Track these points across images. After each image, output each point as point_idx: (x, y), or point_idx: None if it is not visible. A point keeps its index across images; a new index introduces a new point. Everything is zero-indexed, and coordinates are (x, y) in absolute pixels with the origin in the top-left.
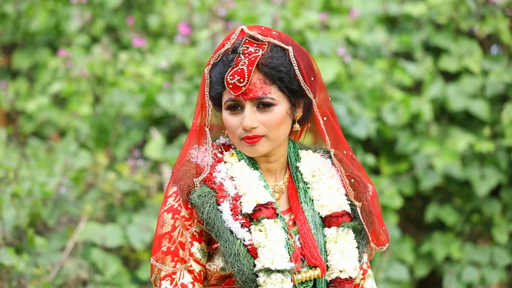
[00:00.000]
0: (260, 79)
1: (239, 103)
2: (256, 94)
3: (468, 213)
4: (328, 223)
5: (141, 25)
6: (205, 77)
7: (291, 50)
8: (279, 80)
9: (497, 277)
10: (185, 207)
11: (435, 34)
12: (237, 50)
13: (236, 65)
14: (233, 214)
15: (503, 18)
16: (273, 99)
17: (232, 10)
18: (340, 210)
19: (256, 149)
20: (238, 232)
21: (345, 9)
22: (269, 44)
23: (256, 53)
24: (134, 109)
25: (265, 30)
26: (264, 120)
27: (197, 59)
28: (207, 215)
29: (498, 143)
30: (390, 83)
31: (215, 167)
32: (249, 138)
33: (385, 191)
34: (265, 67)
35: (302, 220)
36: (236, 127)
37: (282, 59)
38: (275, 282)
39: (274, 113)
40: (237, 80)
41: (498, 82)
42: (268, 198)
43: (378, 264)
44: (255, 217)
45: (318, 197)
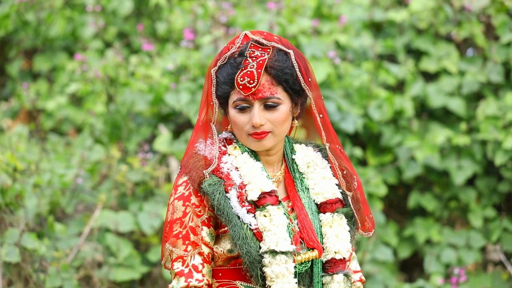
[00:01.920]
0: (268, 81)
1: (248, 102)
2: (264, 94)
3: (446, 200)
4: (323, 209)
5: (150, 31)
6: (212, 78)
7: (292, 54)
8: (285, 81)
9: (473, 258)
10: (195, 195)
11: (416, 38)
12: (244, 53)
13: (245, 68)
14: (240, 201)
15: (478, 24)
16: (279, 98)
17: (232, 17)
18: (334, 198)
19: (263, 143)
20: (245, 218)
21: (335, 16)
22: (273, 48)
23: (262, 56)
24: (144, 107)
25: (268, 35)
26: (271, 118)
27: (200, 62)
28: (218, 202)
29: (474, 137)
30: (375, 83)
31: (221, 158)
32: (257, 134)
33: (371, 181)
34: (272, 69)
35: (299, 207)
36: (244, 124)
37: (286, 62)
38: (279, 263)
39: (280, 111)
40: (247, 82)
41: (473, 82)
42: (271, 186)
43: (365, 247)
44: (260, 204)
45: (313, 186)
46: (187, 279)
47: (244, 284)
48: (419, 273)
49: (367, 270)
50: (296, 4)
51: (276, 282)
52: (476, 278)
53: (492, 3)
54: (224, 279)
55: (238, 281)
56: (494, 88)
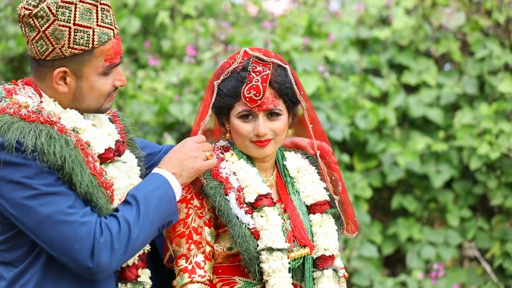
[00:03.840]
0: (271, 94)
1: (252, 113)
2: (268, 106)
3: (426, 202)
4: (313, 210)
5: (155, 48)
6: (213, 90)
7: (288, 69)
8: (286, 94)
9: (450, 254)
10: (197, 197)
11: (398, 54)
12: (247, 68)
13: (250, 81)
14: (238, 203)
15: (455, 41)
16: (280, 110)
17: (231, 35)
18: (323, 200)
19: (264, 151)
20: (243, 218)
21: (324, 34)
22: (273, 64)
23: (265, 71)
24: (150, 117)
25: (265, 51)
26: (274, 127)
27: (202, 76)
28: (219, 203)
29: (451, 144)
30: (361, 95)
31: (219, 164)
32: (260, 142)
33: (357, 184)
34: (275, 83)
35: (291, 208)
36: (248, 132)
37: (286, 77)
38: (275, 259)
39: (281, 121)
40: (254, 95)
41: (451, 93)
42: (267, 189)
43: (352, 244)
44: (257, 205)
45: (303, 189)
46: (191, 275)
47: (243, 280)
48: (401, 268)
49: (354, 266)
50: (289, 23)
51: (273, 276)
52: (453, 272)
53: (467, 22)
54: (224, 275)
55: (237, 276)
56: (469, 99)
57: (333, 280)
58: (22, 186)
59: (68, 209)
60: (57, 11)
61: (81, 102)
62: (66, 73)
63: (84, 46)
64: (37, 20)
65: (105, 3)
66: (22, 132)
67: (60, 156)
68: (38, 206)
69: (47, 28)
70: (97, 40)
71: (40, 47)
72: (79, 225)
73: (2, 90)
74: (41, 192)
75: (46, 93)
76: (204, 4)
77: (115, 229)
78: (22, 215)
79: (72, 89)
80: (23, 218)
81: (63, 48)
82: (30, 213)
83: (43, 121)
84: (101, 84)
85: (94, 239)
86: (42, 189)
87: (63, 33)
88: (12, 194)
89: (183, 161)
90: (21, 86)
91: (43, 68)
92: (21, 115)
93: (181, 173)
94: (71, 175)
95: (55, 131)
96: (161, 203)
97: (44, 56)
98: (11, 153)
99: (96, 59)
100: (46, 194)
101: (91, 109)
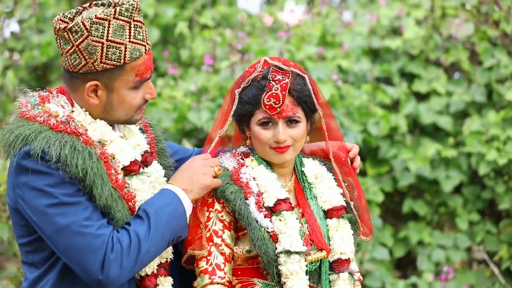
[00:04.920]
0: (291, 102)
1: (272, 120)
2: (288, 113)
3: (436, 206)
4: (330, 215)
5: (174, 57)
6: (234, 97)
7: (307, 78)
8: (304, 102)
9: (459, 257)
10: (218, 201)
11: (409, 63)
12: (267, 77)
13: (270, 90)
14: (258, 207)
15: (463, 50)
16: (299, 117)
17: (247, 44)
18: (339, 205)
19: (284, 157)
20: (262, 222)
21: (338, 44)
22: (292, 73)
23: (284, 80)
24: (169, 124)
25: (284, 61)
26: (293, 134)
27: (219, 84)
28: (239, 207)
29: (460, 150)
30: (373, 102)
31: (240, 169)
32: (280, 148)
33: (370, 189)
34: (294, 92)
35: (309, 213)
36: (268, 139)
37: (304, 85)
38: (293, 261)
39: (299, 128)
40: (273, 102)
41: (460, 101)
42: (285, 194)
43: (365, 247)
44: (276, 209)
45: (321, 195)
46: (211, 276)
47: (261, 281)
48: (412, 270)
49: (366, 268)
50: (303, 33)
51: (291, 278)
52: (462, 275)
53: (476, 32)
54: (243, 276)
55: (255, 278)
56: (478, 107)
57: (349, 283)
58: (44, 194)
59: (84, 221)
60: (91, 27)
61: (111, 114)
62: (97, 86)
63: (116, 62)
64: (71, 34)
65: (138, 20)
66: (48, 142)
67: (82, 168)
68: (56, 215)
69: (81, 43)
70: (129, 56)
71: (73, 60)
72: (93, 237)
73: (37, 97)
74: (61, 202)
75: (78, 103)
76: (221, 15)
77: (126, 242)
78: (41, 221)
79: (103, 101)
80: (42, 225)
81: (95, 62)
82: (49, 221)
83: (69, 132)
84: (131, 97)
85: (105, 252)
86: (62, 198)
87: (96, 48)
88: (34, 201)
89: (193, 177)
90: (55, 94)
91: (75, 80)
92: (50, 124)
93: (191, 189)
94: (92, 187)
95: (80, 143)
96: (172, 218)
97: (77, 69)
98: (36, 161)
99: (127, 74)
100: (65, 204)
101: (121, 120)
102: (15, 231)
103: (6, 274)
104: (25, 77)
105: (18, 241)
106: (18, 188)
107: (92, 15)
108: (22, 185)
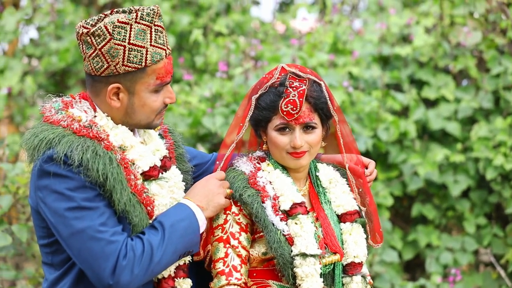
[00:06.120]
0: (307, 108)
1: (289, 126)
2: (305, 120)
3: (444, 210)
4: (343, 219)
5: (189, 63)
6: (252, 103)
7: (323, 84)
8: (321, 109)
9: (467, 260)
10: (235, 204)
11: (418, 70)
12: (284, 83)
13: (287, 96)
14: (274, 210)
15: (471, 58)
16: (315, 123)
17: (260, 51)
18: (353, 209)
19: (300, 162)
20: (278, 225)
21: (348, 51)
22: (309, 80)
23: (301, 87)
24: (184, 129)
25: (301, 68)
26: (309, 140)
27: (233, 90)
28: (256, 210)
29: (468, 155)
30: (383, 108)
31: (256, 173)
32: (296, 153)
33: (379, 193)
34: (311, 98)
35: (323, 217)
36: (285, 144)
37: (321, 92)
38: (309, 264)
39: (315, 134)
40: (291, 109)
41: (468, 108)
42: (301, 198)
43: (375, 250)
44: (292, 213)
45: (334, 199)
46: (228, 278)
47: (276, 283)
48: (421, 273)
49: (376, 270)
50: (315, 41)
51: (306, 281)
52: (470, 277)
53: (484, 40)
54: (258, 278)
55: (270, 280)
56: (486, 113)
57: (362, 286)
58: (64, 197)
59: (99, 227)
60: (113, 30)
61: (132, 117)
62: (119, 89)
63: (137, 64)
64: (94, 38)
65: (158, 25)
66: (70, 146)
67: (103, 173)
68: (73, 219)
69: (103, 46)
70: (150, 59)
71: (96, 64)
72: (107, 243)
73: (60, 102)
74: (79, 206)
75: (100, 108)
76: (235, 22)
77: (139, 250)
78: (58, 224)
79: (124, 104)
80: (59, 227)
81: (118, 65)
82: (66, 224)
83: (92, 136)
84: (152, 100)
85: (117, 259)
86: (80, 203)
87: (118, 51)
88: (54, 204)
89: (209, 196)
90: (78, 100)
91: (98, 83)
92: (73, 128)
93: (207, 207)
94: (111, 192)
95: (101, 148)
96: (186, 234)
97: (99, 72)
98: (59, 165)
99: (148, 77)
100: (83, 208)
101: (141, 124)
102: (36, 232)
103: (25, 274)
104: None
105: (38, 242)
106: (39, 191)
107: (115, 19)
108: (43, 187)
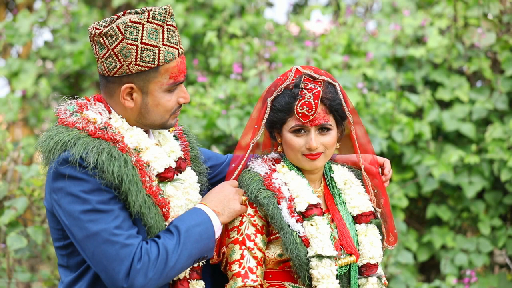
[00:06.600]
0: (323, 110)
1: (305, 128)
2: (320, 121)
3: (459, 211)
4: (359, 220)
5: (204, 65)
6: (267, 105)
7: (338, 86)
8: (336, 110)
9: (482, 261)
10: (251, 206)
11: (433, 72)
12: (299, 85)
13: (302, 98)
14: (289, 212)
15: (486, 59)
16: (331, 125)
17: (275, 53)
18: (368, 211)
19: (315, 163)
20: (294, 226)
21: (363, 53)
22: (323, 81)
23: (316, 88)
24: (199, 131)
25: (316, 69)
26: (324, 142)
27: (247, 92)
28: (272, 212)
29: (482, 157)
30: (398, 110)
31: (272, 175)
32: (312, 155)
33: (394, 195)
34: (327, 100)
35: (338, 218)
36: (300, 146)
37: (336, 94)
38: (325, 266)
39: (331, 136)
40: (306, 110)
41: (482, 109)
42: (317, 200)
43: (390, 252)
44: (307, 214)
45: (350, 200)
46: (244, 280)
47: (292, 285)
48: (436, 274)
49: (391, 272)
50: (329, 42)
51: (322, 282)
52: (485, 278)
53: (498, 42)
54: (274, 280)
55: (286, 281)
56: (500, 115)
57: (377, 287)
58: (79, 200)
59: (114, 230)
60: (125, 30)
61: (146, 117)
62: (132, 89)
63: (150, 64)
64: (106, 38)
65: (171, 24)
66: (86, 148)
67: (118, 175)
68: (88, 221)
69: (116, 46)
70: (163, 58)
71: (109, 64)
72: (122, 247)
73: (75, 104)
74: (94, 209)
75: (115, 109)
76: (249, 24)
77: (154, 254)
78: (73, 226)
79: (138, 104)
80: (73, 229)
81: (130, 65)
82: (80, 226)
83: (107, 138)
84: (166, 100)
85: (132, 262)
86: (95, 205)
87: (131, 51)
88: (69, 206)
89: (225, 202)
90: (93, 102)
91: (111, 84)
92: (88, 130)
93: (223, 212)
94: (127, 194)
95: (116, 150)
96: (201, 239)
97: (112, 72)
98: (74, 167)
99: (161, 76)
100: (98, 211)
101: (156, 124)
102: (52, 235)
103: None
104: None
105: (54, 244)
106: (54, 193)
107: (127, 19)
108: (58, 190)
